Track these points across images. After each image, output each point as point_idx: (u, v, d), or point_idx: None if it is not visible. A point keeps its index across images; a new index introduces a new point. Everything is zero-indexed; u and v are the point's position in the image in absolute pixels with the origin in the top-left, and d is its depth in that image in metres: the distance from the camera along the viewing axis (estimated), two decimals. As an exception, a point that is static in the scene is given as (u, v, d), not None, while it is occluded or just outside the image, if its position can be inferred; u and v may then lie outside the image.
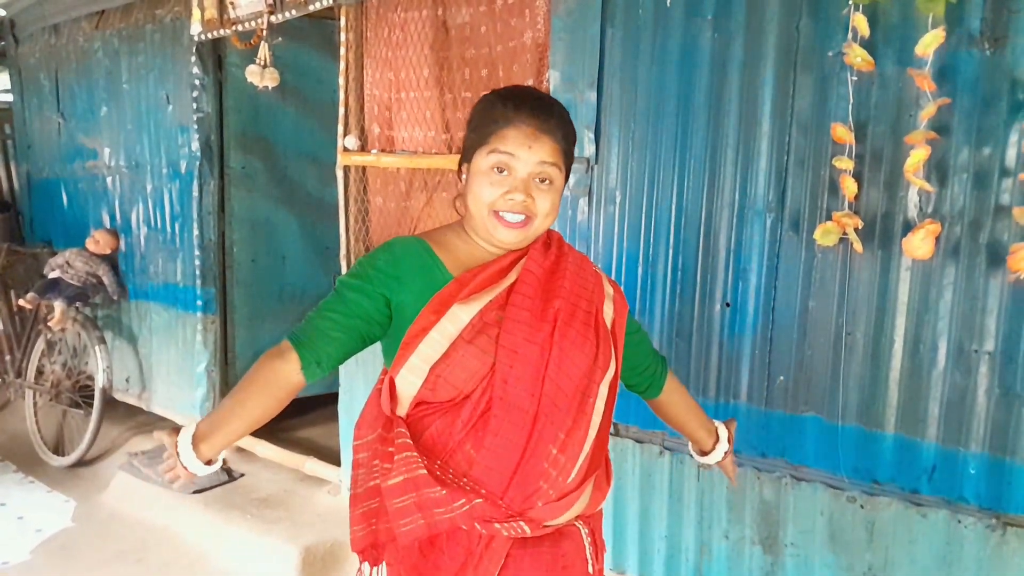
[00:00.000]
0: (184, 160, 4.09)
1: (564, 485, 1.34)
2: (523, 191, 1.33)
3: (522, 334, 1.32)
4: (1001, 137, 1.74)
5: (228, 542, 3.31)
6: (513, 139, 1.33)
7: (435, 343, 1.32)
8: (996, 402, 1.80)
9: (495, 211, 1.34)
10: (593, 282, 1.46)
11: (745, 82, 2.09)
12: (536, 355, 1.32)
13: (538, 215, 1.35)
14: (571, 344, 1.35)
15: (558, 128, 1.37)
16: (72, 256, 4.46)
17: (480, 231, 1.39)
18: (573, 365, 1.35)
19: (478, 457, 1.31)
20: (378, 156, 3.12)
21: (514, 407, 1.30)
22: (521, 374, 1.31)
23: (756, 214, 2.11)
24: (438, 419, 1.34)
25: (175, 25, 4.05)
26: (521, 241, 1.38)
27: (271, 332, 4.44)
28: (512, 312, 1.34)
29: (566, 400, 1.34)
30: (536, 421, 1.31)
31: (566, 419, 1.33)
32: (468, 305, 1.33)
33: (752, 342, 2.14)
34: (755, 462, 2.16)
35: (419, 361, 1.33)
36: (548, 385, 1.32)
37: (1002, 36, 1.72)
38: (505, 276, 1.38)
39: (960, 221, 1.80)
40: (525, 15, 2.65)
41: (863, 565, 2.00)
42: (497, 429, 1.31)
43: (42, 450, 4.47)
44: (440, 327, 1.32)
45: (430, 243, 1.40)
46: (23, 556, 3.35)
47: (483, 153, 1.35)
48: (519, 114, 1.34)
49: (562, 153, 1.38)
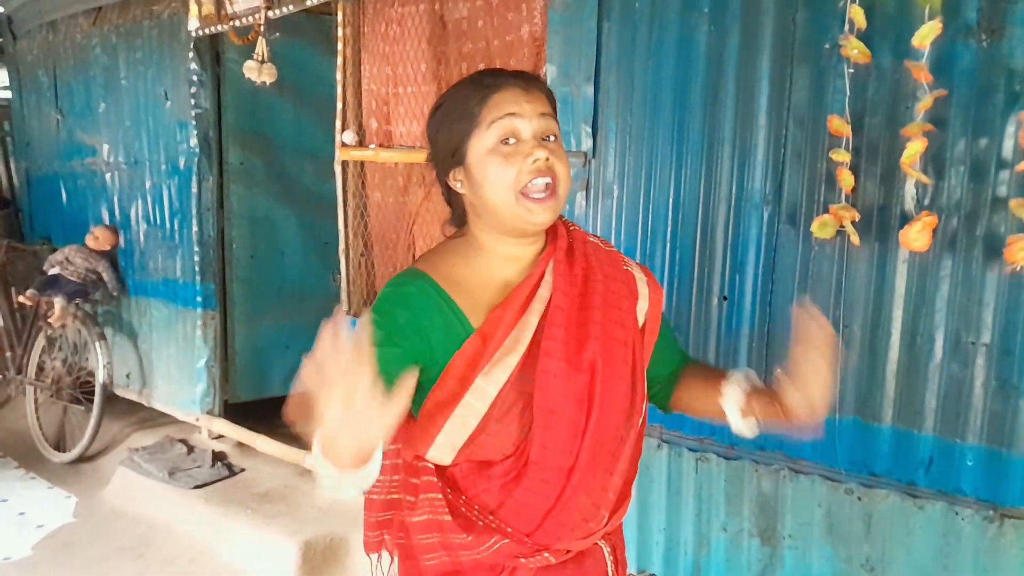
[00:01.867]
0: (183, 156, 4.09)
1: (595, 527, 1.28)
2: (542, 147, 1.20)
3: (559, 390, 1.19)
4: (998, 129, 1.74)
5: (229, 537, 3.33)
6: (506, 99, 1.21)
7: (462, 421, 1.21)
8: (993, 394, 1.80)
9: (523, 192, 1.19)
10: (626, 292, 1.32)
11: (742, 75, 2.09)
12: (574, 411, 1.21)
13: (560, 178, 1.22)
14: (610, 391, 1.23)
15: (542, 87, 1.28)
16: (72, 253, 4.46)
17: (506, 225, 1.24)
18: (613, 414, 1.24)
19: (506, 502, 1.23)
20: (376, 151, 3.12)
21: (551, 466, 1.21)
22: (560, 434, 1.20)
23: (753, 207, 2.11)
24: (465, 465, 1.25)
25: (172, 21, 4.05)
26: (551, 220, 1.23)
27: (270, 328, 4.45)
28: (546, 364, 1.19)
29: (605, 450, 1.25)
30: (571, 475, 1.22)
31: (602, 468, 1.25)
32: (493, 375, 1.20)
33: (749, 335, 2.14)
34: (753, 455, 2.16)
35: (445, 441, 1.23)
36: (588, 441, 1.22)
37: (999, 27, 1.72)
38: (528, 310, 1.23)
39: (957, 213, 1.80)
40: (522, 9, 2.65)
41: (861, 557, 2.00)
42: (530, 485, 1.22)
43: (43, 446, 4.49)
44: (465, 404, 1.20)
45: (440, 282, 1.23)
46: (25, 552, 3.37)
47: (479, 133, 1.21)
48: (500, 79, 1.24)
49: (551, 105, 1.27)
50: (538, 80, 1.29)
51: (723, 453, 2.21)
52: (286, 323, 4.48)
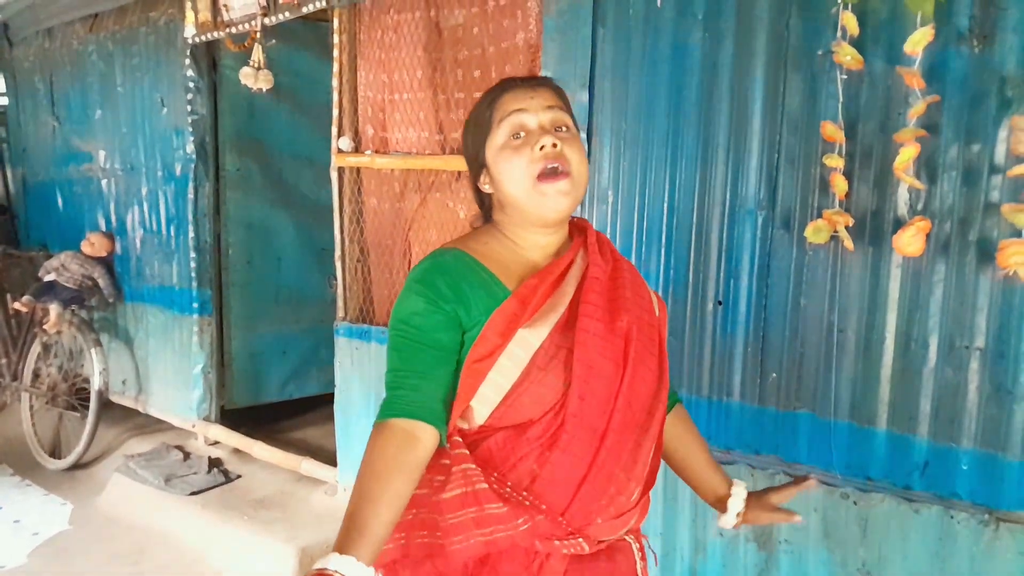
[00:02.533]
0: (179, 162, 4.09)
1: (625, 503, 1.28)
2: (550, 135, 1.25)
3: (597, 348, 1.24)
4: (990, 134, 1.75)
5: (225, 543, 3.32)
6: (511, 98, 1.28)
7: (506, 370, 1.24)
8: (987, 398, 1.81)
9: (535, 179, 1.25)
10: (648, 296, 1.39)
11: (736, 81, 2.10)
12: (611, 371, 1.25)
13: (572, 165, 1.25)
14: (641, 362, 1.28)
15: (549, 84, 1.34)
16: (67, 259, 4.46)
17: (529, 215, 1.29)
18: (643, 383, 1.28)
19: (541, 472, 1.23)
20: (372, 157, 3.13)
21: (586, 425, 1.23)
22: (596, 390, 1.23)
23: (747, 212, 2.11)
24: (500, 433, 1.25)
25: (169, 28, 4.05)
26: (570, 206, 1.27)
27: (267, 334, 4.44)
28: (585, 323, 1.24)
29: (635, 419, 1.27)
30: (604, 439, 1.23)
31: (632, 438, 1.26)
32: (536, 328, 1.24)
33: (744, 340, 2.15)
34: (748, 459, 2.17)
35: (490, 391, 1.24)
36: (620, 402, 1.24)
37: (990, 33, 1.73)
38: (563, 283, 1.30)
39: (950, 218, 1.81)
40: (517, 16, 2.66)
41: (856, 561, 2.01)
42: (566, 446, 1.22)
43: (39, 453, 4.47)
44: (509, 352, 1.23)
45: (475, 255, 1.30)
46: (20, 560, 3.35)
47: (492, 134, 1.29)
48: (508, 83, 1.32)
49: (562, 99, 1.32)
50: (546, 80, 1.35)
51: (719, 458, 2.20)
52: (282, 329, 4.48)
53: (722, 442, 2.20)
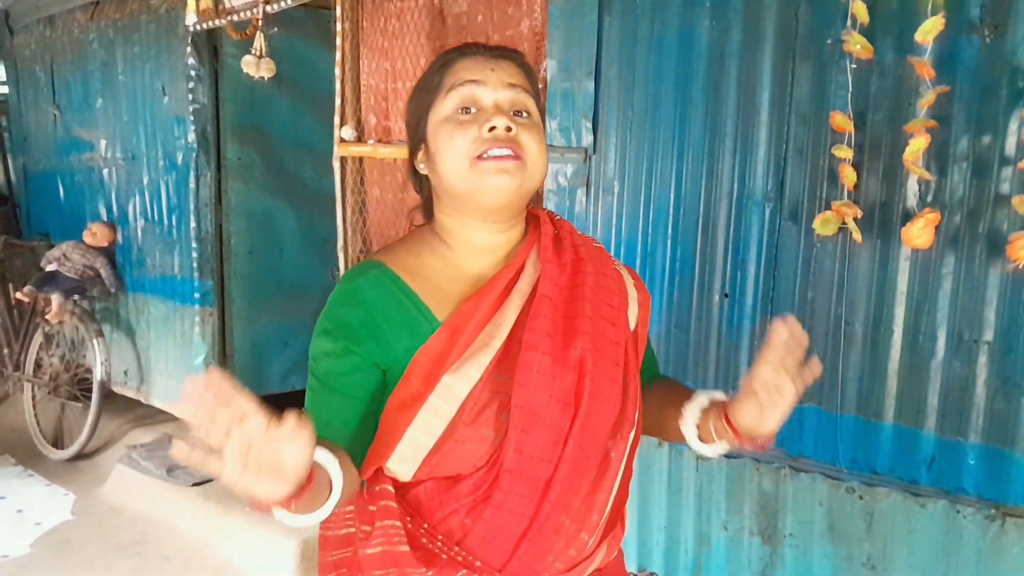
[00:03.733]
0: (180, 152, 4.08)
1: (577, 555, 1.09)
2: (504, 115, 1.05)
3: (543, 389, 1.03)
4: (1001, 125, 1.73)
5: (227, 534, 3.32)
6: (468, 66, 1.08)
7: (428, 426, 1.04)
8: (995, 392, 1.79)
9: (476, 157, 1.04)
10: (617, 289, 1.17)
11: (743, 70, 2.08)
12: (558, 414, 1.04)
13: (527, 154, 1.05)
14: (598, 397, 1.07)
15: (516, 58, 1.13)
16: (69, 249, 4.45)
17: (464, 204, 1.08)
18: (600, 420, 1.08)
19: (474, 527, 1.05)
20: (375, 147, 3.10)
21: (526, 478, 1.04)
22: (538, 438, 1.03)
23: (755, 204, 2.09)
24: (429, 483, 1.08)
25: (170, 15, 4.03)
26: (513, 192, 1.05)
27: (269, 324, 4.43)
28: (529, 358, 1.03)
29: (587, 463, 1.07)
30: (549, 490, 1.04)
31: (584, 484, 1.07)
32: (462, 373, 1.03)
33: (751, 333, 2.13)
34: (754, 453, 2.15)
35: (409, 450, 1.05)
36: (570, 448, 1.05)
37: (1002, 23, 1.71)
38: (506, 301, 1.08)
39: (960, 210, 1.79)
40: (522, 3, 2.63)
41: (862, 555, 2.00)
42: (500, 503, 1.04)
43: (41, 443, 4.48)
44: (431, 406, 1.04)
45: (399, 272, 1.09)
46: (23, 549, 3.36)
47: (439, 103, 1.09)
48: (469, 48, 1.12)
49: (528, 81, 1.11)
50: (514, 53, 1.15)
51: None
52: (285, 319, 4.47)
53: (727, 435, 2.18)
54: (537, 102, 1.13)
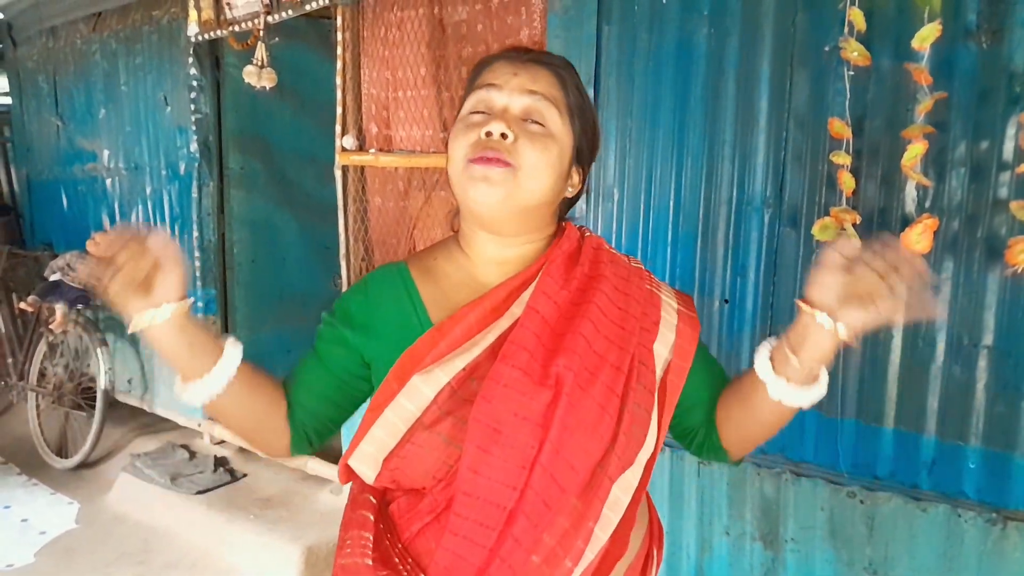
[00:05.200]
0: (183, 161, 4.09)
1: None
2: (502, 120, 1.00)
3: (511, 404, 0.96)
4: (998, 131, 1.73)
5: (231, 542, 3.32)
6: (498, 68, 1.06)
7: (391, 426, 1.00)
8: (995, 396, 1.80)
9: (468, 160, 1.00)
10: (640, 312, 1.08)
11: (742, 78, 2.09)
12: (526, 434, 0.96)
13: (522, 163, 0.99)
14: (580, 421, 0.98)
15: (560, 64, 1.08)
16: (73, 259, 4.46)
17: (463, 209, 1.07)
18: (579, 450, 0.98)
19: (436, 554, 0.98)
20: (376, 155, 3.12)
21: (484, 502, 0.96)
22: (500, 461, 0.95)
23: (754, 210, 2.10)
24: (403, 497, 1.06)
25: (172, 26, 4.05)
26: (501, 201, 1.00)
27: (272, 333, 4.44)
28: (499, 371, 0.97)
29: (561, 497, 0.97)
30: (513, 521, 0.95)
31: (559, 521, 0.96)
32: (432, 374, 0.99)
33: (751, 338, 2.14)
34: (755, 458, 2.16)
35: (372, 449, 1.02)
36: (538, 475, 0.96)
37: (999, 29, 1.72)
38: (502, 314, 1.03)
39: (958, 215, 1.80)
40: (521, 13, 2.65)
41: (863, 560, 2.00)
42: (458, 528, 0.96)
43: (45, 452, 4.48)
44: (397, 404, 1.00)
45: (414, 272, 1.10)
46: (28, 559, 3.36)
47: (465, 103, 1.08)
48: (509, 51, 1.09)
49: (564, 94, 1.05)
50: (554, 60, 1.09)
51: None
52: (287, 328, 4.48)
53: (728, 441, 2.19)
54: (571, 113, 1.06)
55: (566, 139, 1.06)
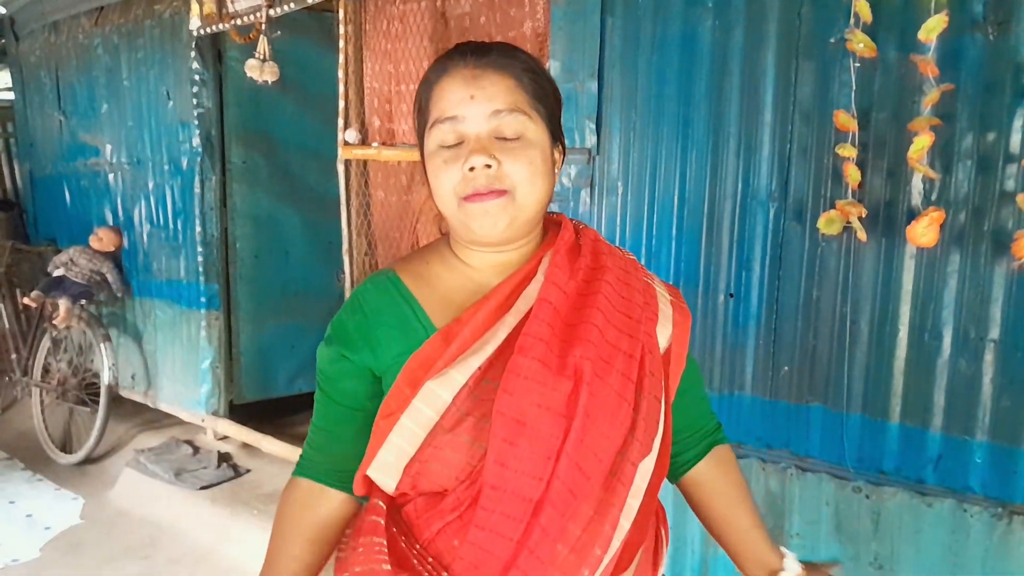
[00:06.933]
0: (185, 156, 4.09)
1: None
2: (481, 151, 0.99)
3: (531, 396, 0.96)
4: (1005, 123, 1.72)
5: (235, 538, 3.33)
6: (449, 92, 1.01)
7: (409, 433, 1.00)
8: (1001, 390, 1.79)
9: (462, 199, 1.01)
10: (642, 302, 1.09)
11: (746, 70, 2.08)
12: (550, 424, 0.96)
13: (515, 184, 1.00)
14: (601, 409, 0.98)
15: (505, 61, 1.03)
16: (76, 254, 4.47)
17: (462, 237, 1.07)
18: (602, 437, 0.98)
19: (460, 551, 0.98)
20: (379, 149, 3.11)
21: (511, 494, 0.95)
22: (524, 453, 0.95)
23: (759, 203, 2.09)
24: (419, 499, 1.04)
25: (174, 20, 4.04)
26: (506, 226, 1.01)
27: (275, 327, 4.45)
28: (517, 363, 0.97)
29: (586, 485, 0.97)
30: (539, 511, 0.96)
31: (583, 510, 0.97)
32: (447, 377, 0.99)
33: (756, 333, 2.13)
34: (760, 453, 2.15)
35: (391, 457, 1.01)
36: (564, 465, 0.96)
37: (1005, 20, 1.70)
38: (508, 310, 1.03)
39: (964, 208, 1.79)
40: (524, 5, 2.64)
41: (869, 555, 1.99)
42: (483, 522, 0.96)
43: (49, 448, 4.49)
44: (413, 410, 0.99)
45: (405, 278, 1.08)
46: (33, 554, 3.37)
47: (427, 133, 1.05)
48: (450, 60, 1.04)
49: (523, 91, 1.03)
50: (506, 59, 1.04)
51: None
52: (291, 323, 4.48)
53: (733, 436, 2.18)
54: (535, 107, 1.05)
55: (541, 134, 1.05)
